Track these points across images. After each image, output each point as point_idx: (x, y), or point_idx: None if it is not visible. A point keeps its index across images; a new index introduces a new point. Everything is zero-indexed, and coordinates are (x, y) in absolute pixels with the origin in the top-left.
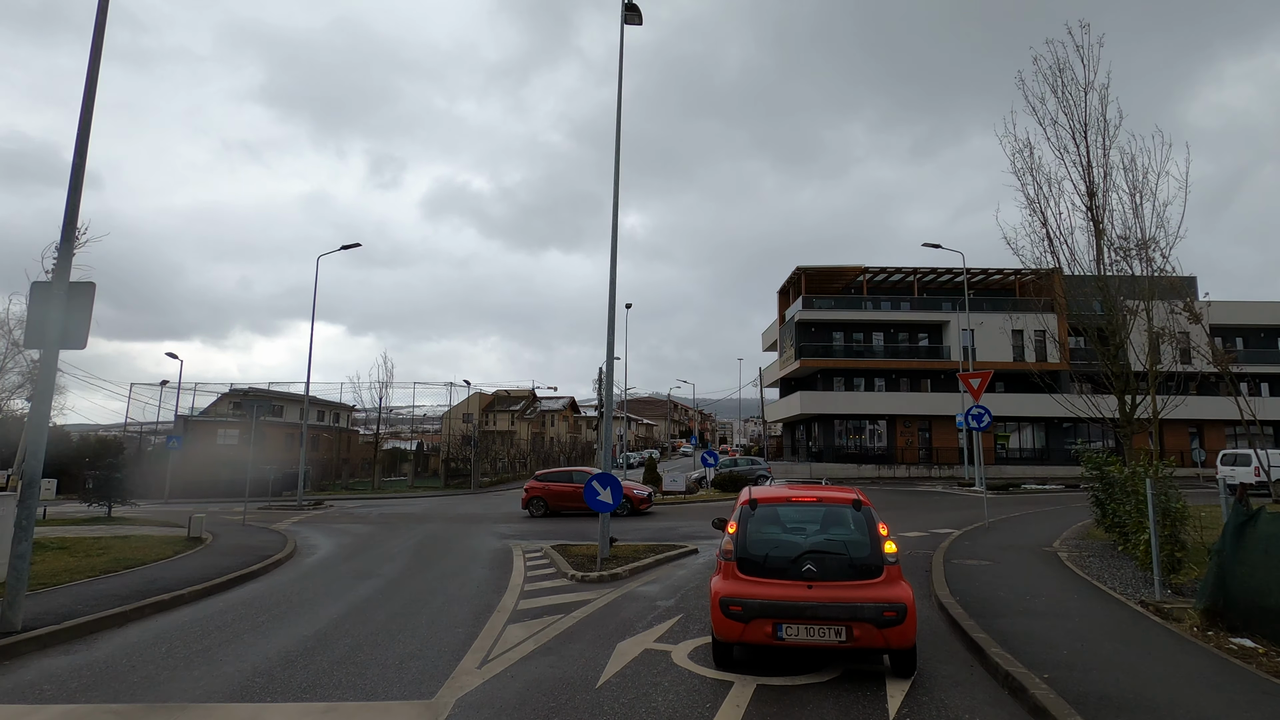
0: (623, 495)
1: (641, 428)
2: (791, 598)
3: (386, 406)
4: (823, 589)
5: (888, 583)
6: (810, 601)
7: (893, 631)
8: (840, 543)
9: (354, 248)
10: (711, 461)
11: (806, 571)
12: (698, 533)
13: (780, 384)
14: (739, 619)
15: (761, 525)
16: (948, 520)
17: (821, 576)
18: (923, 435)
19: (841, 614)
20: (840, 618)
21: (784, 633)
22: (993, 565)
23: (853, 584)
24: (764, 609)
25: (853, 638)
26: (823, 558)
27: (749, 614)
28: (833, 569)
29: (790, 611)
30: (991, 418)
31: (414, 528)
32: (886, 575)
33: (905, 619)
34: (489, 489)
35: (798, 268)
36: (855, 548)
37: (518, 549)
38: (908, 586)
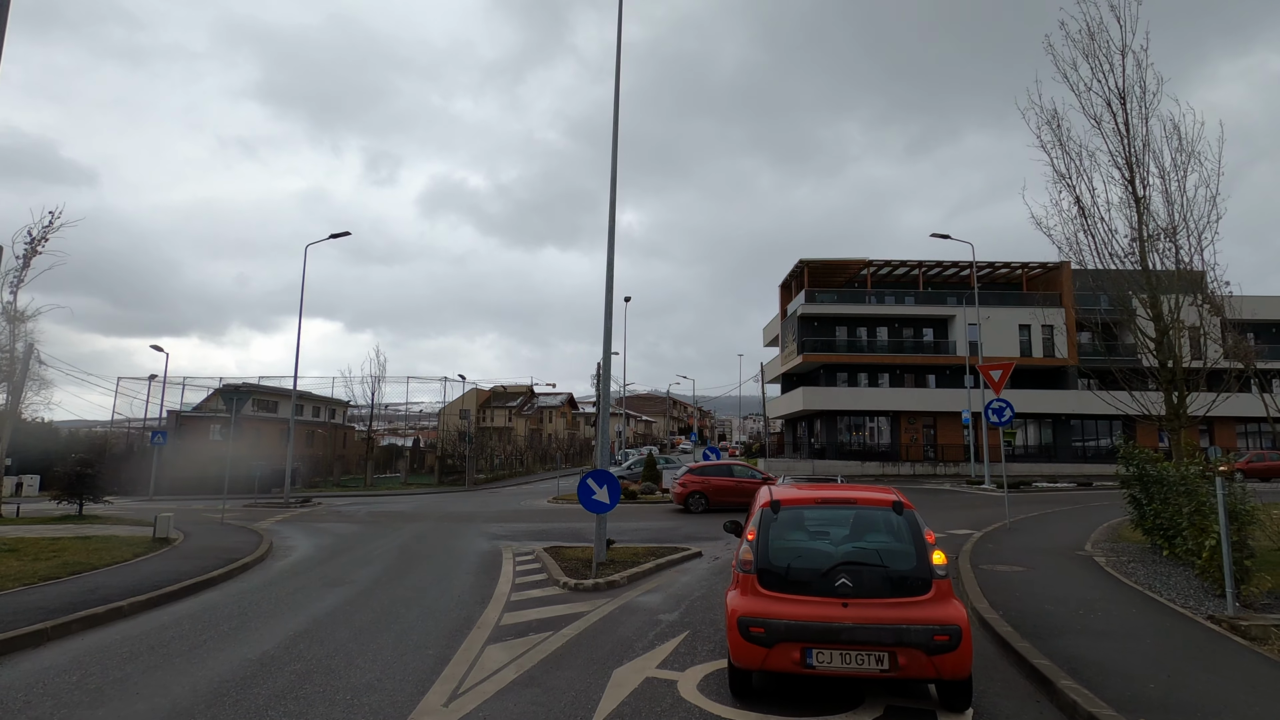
0: (620, 494)
1: (640, 424)
2: (824, 617)
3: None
4: (860, 607)
5: (937, 600)
6: (846, 623)
7: (945, 659)
8: (880, 552)
9: (343, 236)
10: (714, 458)
11: (841, 586)
12: (700, 533)
13: (782, 379)
14: (761, 643)
15: (786, 531)
16: (963, 520)
17: (858, 593)
18: (928, 432)
19: (884, 638)
20: (883, 642)
21: (814, 659)
22: (1028, 572)
23: (896, 601)
24: (791, 631)
25: (897, 666)
26: (859, 570)
27: (773, 637)
28: (872, 583)
29: (822, 634)
30: (1014, 412)
31: (401, 527)
32: (935, 591)
33: (960, 644)
34: (484, 486)
35: (800, 260)
36: (898, 558)
37: (508, 551)
38: (960, 605)
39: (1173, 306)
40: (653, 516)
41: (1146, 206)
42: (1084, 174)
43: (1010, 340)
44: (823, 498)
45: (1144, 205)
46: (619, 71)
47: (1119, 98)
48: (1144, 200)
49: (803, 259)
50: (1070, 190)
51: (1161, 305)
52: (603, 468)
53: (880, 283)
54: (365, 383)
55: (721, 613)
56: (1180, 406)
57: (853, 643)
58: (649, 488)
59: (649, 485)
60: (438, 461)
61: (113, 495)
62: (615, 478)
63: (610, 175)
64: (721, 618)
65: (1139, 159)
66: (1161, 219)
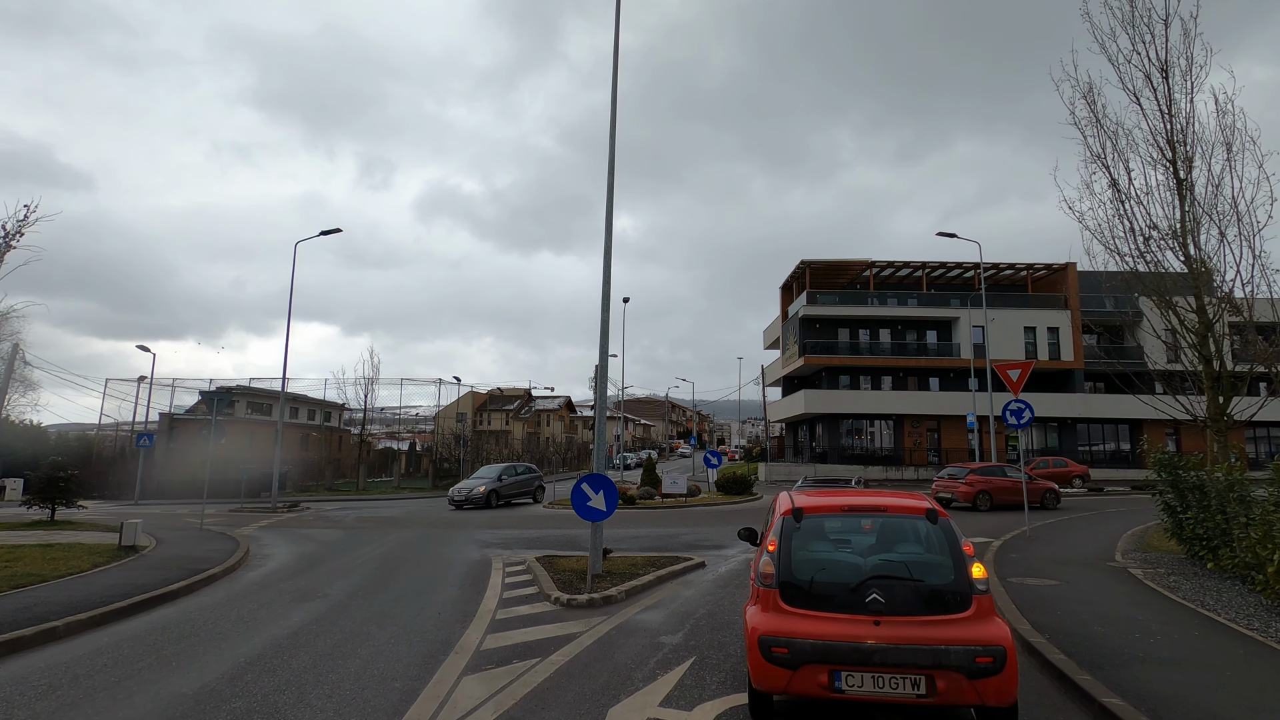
0: (618, 500)
1: (639, 428)
2: (854, 637)
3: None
4: (894, 626)
5: (978, 618)
6: (879, 643)
7: (989, 684)
8: (914, 565)
9: (334, 233)
10: (715, 462)
11: (872, 602)
12: (703, 541)
13: (782, 382)
14: (785, 664)
15: (809, 541)
16: (978, 527)
17: (891, 609)
18: (931, 436)
19: (921, 659)
20: (919, 664)
21: (844, 683)
22: (1063, 587)
23: (933, 619)
24: (818, 652)
25: (936, 691)
26: (892, 584)
27: (798, 658)
28: (906, 599)
29: (852, 655)
30: (1034, 414)
31: (388, 534)
32: (976, 608)
33: (1005, 666)
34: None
35: (802, 261)
36: (934, 571)
37: (498, 561)
38: (1004, 624)
39: (1216, 301)
40: (652, 523)
41: (1190, 190)
42: (1121, 154)
43: (1015, 343)
44: (849, 505)
45: (1187, 189)
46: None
47: (1160, 70)
48: (1187, 184)
49: (804, 260)
50: (1106, 171)
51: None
52: (599, 471)
53: (883, 284)
54: (358, 385)
55: (730, 634)
56: (1225, 408)
57: (886, 665)
58: (648, 492)
59: (648, 490)
60: (431, 465)
61: (96, 499)
62: (612, 483)
63: (607, 176)
64: (731, 640)
65: (1182, 138)
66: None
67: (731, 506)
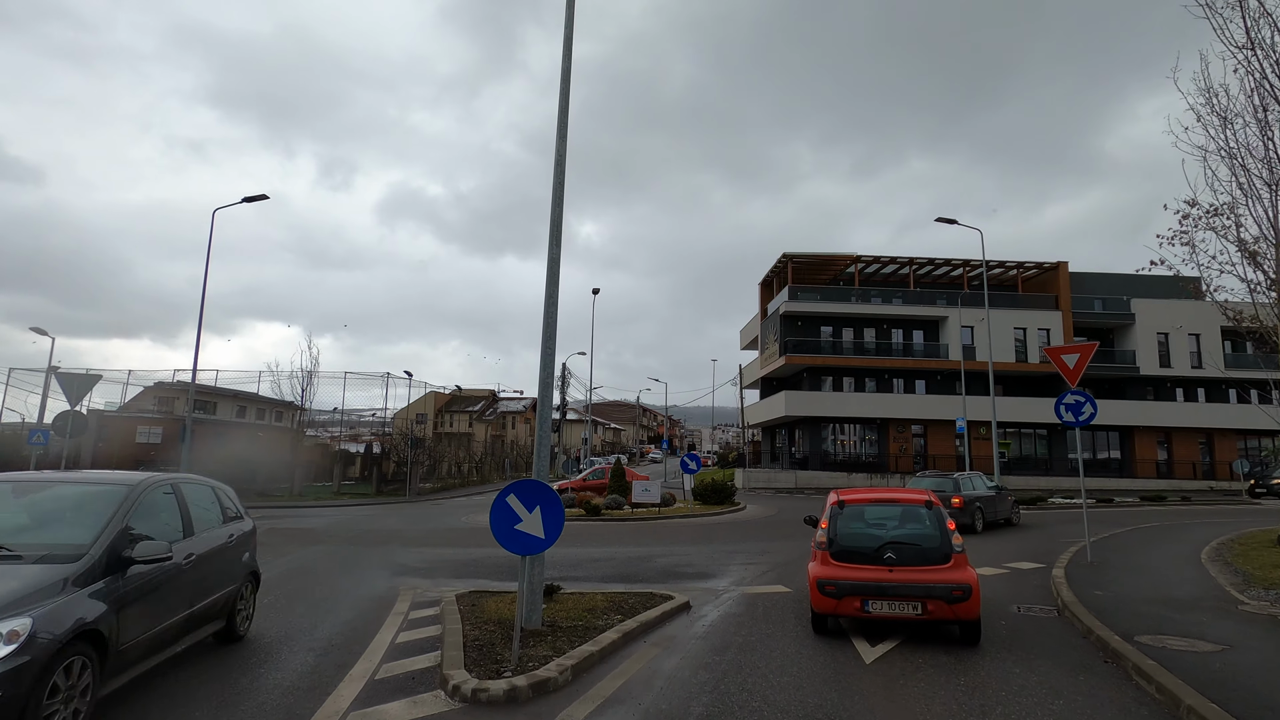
0: (562, 521)
1: (609, 432)
2: (876, 579)
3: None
4: (902, 572)
5: (955, 568)
6: (892, 583)
7: (960, 607)
8: (915, 536)
9: (258, 200)
10: (694, 467)
11: (888, 559)
12: (683, 566)
13: (761, 384)
14: (833, 596)
15: (849, 521)
16: (1012, 549)
17: (900, 562)
18: (917, 441)
19: (918, 592)
20: (916, 595)
21: (870, 607)
22: (1232, 654)
23: (926, 569)
24: (854, 588)
25: (927, 611)
26: (901, 547)
27: (841, 592)
28: (909, 556)
29: (875, 590)
30: (1095, 409)
31: (287, 552)
32: (954, 562)
33: (970, 597)
34: (430, 496)
35: (783, 255)
36: (928, 540)
37: (406, 597)
38: (973, 571)
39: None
40: (620, 540)
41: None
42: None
43: (1005, 344)
44: (875, 498)
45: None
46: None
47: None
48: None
49: (786, 253)
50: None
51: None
52: (539, 476)
53: (868, 281)
54: (295, 378)
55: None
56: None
57: (896, 596)
58: (616, 501)
59: (616, 499)
60: (374, 469)
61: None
62: (554, 495)
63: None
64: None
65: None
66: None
67: (713, 519)
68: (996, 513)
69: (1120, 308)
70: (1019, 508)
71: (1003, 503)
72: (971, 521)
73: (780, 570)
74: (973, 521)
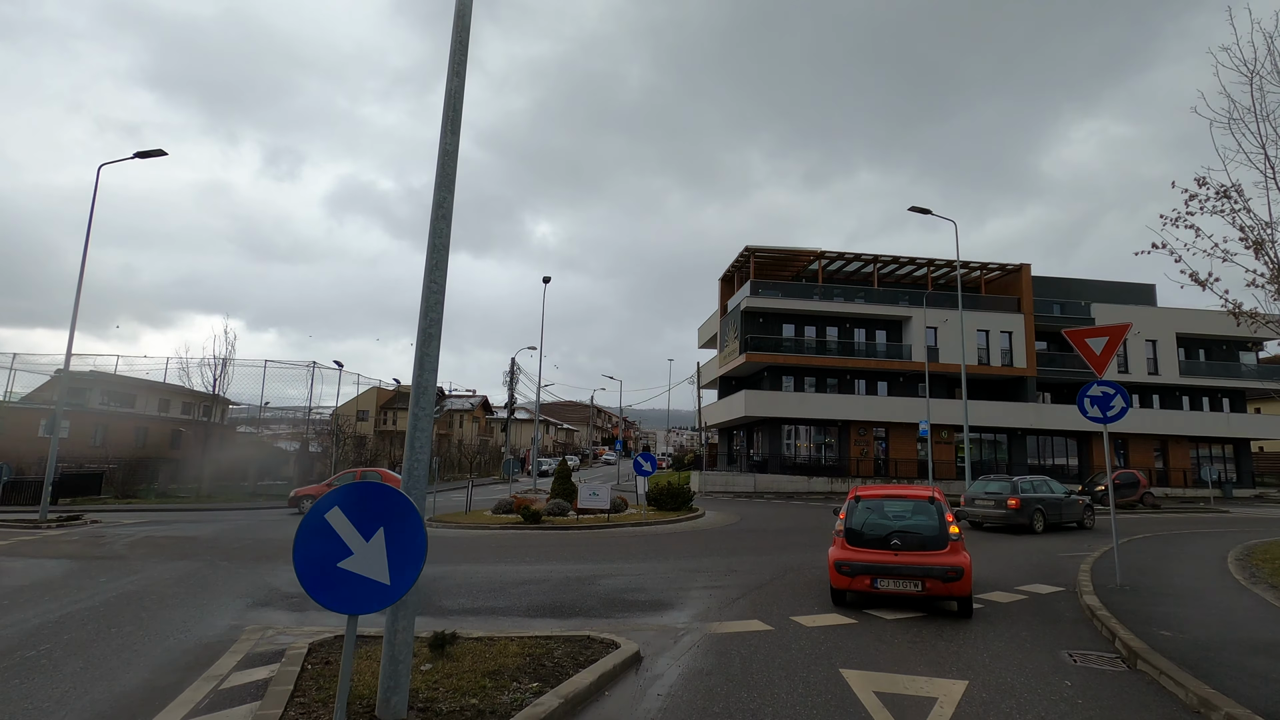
0: (422, 560)
1: (561, 432)
2: (884, 561)
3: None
4: (905, 555)
5: (951, 553)
6: (897, 564)
7: (954, 585)
8: (918, 525)
9: (154, 156)
10: (648, 469)
11: (894, 545)
12: (633, 591)
13: (719, 383)
14: (847, 575)
15: (864, 513)
16: (1006, 561)
17: (904, 548)
18: (879, 444)
19: (918, 573)
20: (917, 575)
21: (879, 584)
22: None
23: (926, 553)
24: (865, 568)
25: (925, 589)
26: (905, 534)
27: (854, 571)
28: (912, 542)
29: (883, 570)
30: (1128, 403)
31: (134, 574)
32: (950, 548)
33: (963, 577)
34: None
35: (746, 248)
36: (928, 529)
37: (241, 648)
38: (967, 555)
39: None
40: (559, 554)
41: None
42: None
43: (968, 346)
44: (886, 493)
45: None
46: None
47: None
48: None
49: (749, 246)
50: None
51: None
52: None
53: (831, 278)
54: (206, 366)
55: None
56: None
57: (900, 575)
58: (559, 506)
59: (559, 504)
60: (295, 469)
61: None
62: (410, 506)
63: None
64: None
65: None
66: None
67: (669, 528)
68: (1064, 516)
69: (1080, 312)
70: (1092, 512)
71: (1072, 507)
72: (1029, 522)
73: (754, 597)
74: (1030, 522)
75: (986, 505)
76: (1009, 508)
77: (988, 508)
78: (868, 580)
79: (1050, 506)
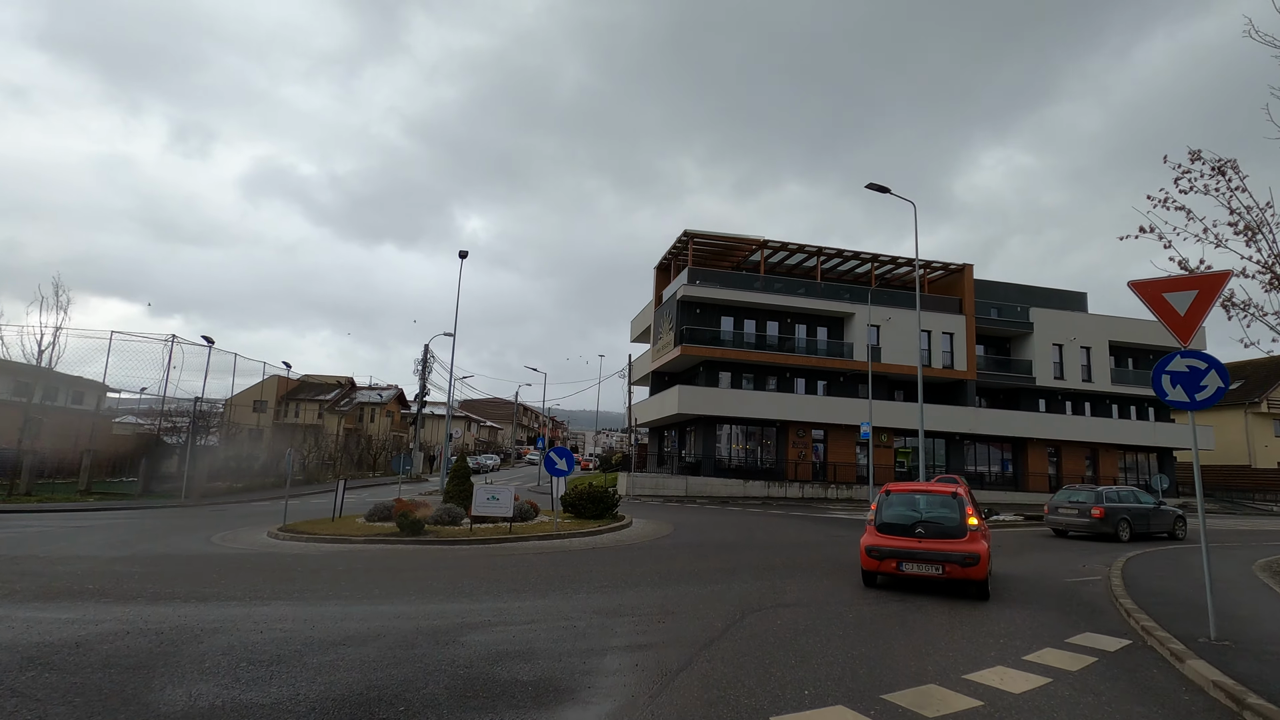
0: None
1: (484, 430)
2: (909, 547)
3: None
4: (929, 543)
5: (969, 541)
6: (921, 550)
7: (971, 569)
8: (940, 517)
9: None
10: (563, 467)
11: (918, 533)
12: (515, 655)
13: (651, 379)
14: (876, 558)
15: (894, 506)
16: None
17: (928, 536)
18: (817, 447)
19: (938, 558)
20: (938, 560)
21: (904, 567)
22: None
23: (947, 541)
24: (893, 553)
25: (945, 572)
26: (929, 524)
27: (883, 555)
28: (934, 531)
29: (908, 554)
30: (1226, 382)
31: None
32: (969, 537)
33: (979, 563)
34: (221, 498)
35: (685, 232)
36: (949, 520)
37: None
38: (984, 544)
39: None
40: (428, 584)
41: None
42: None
43: (910, 346)
44: (913, 489)
45: None
46: None
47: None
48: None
49: (688, 230)
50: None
51: None
52: None
53: (773, 271)
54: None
55: None
56: None
57: (923, 560)
58: (449, 513)
59: (450, 510)
60: (145, 461)
61: None
62: None
63: None
64: None
65: None
66: None
67: (586, 541)
68: (1151, 527)
69: (1019, 315)
70: (1183, 523)
71: (1162, 517)
72: (1115, 531)
73: (705, 668)
74: (1116, 531)
75: (1070, 514)
76: (1093, 517)
77: (1071, 516)
78: (894, 563)
79: (1137, 517)
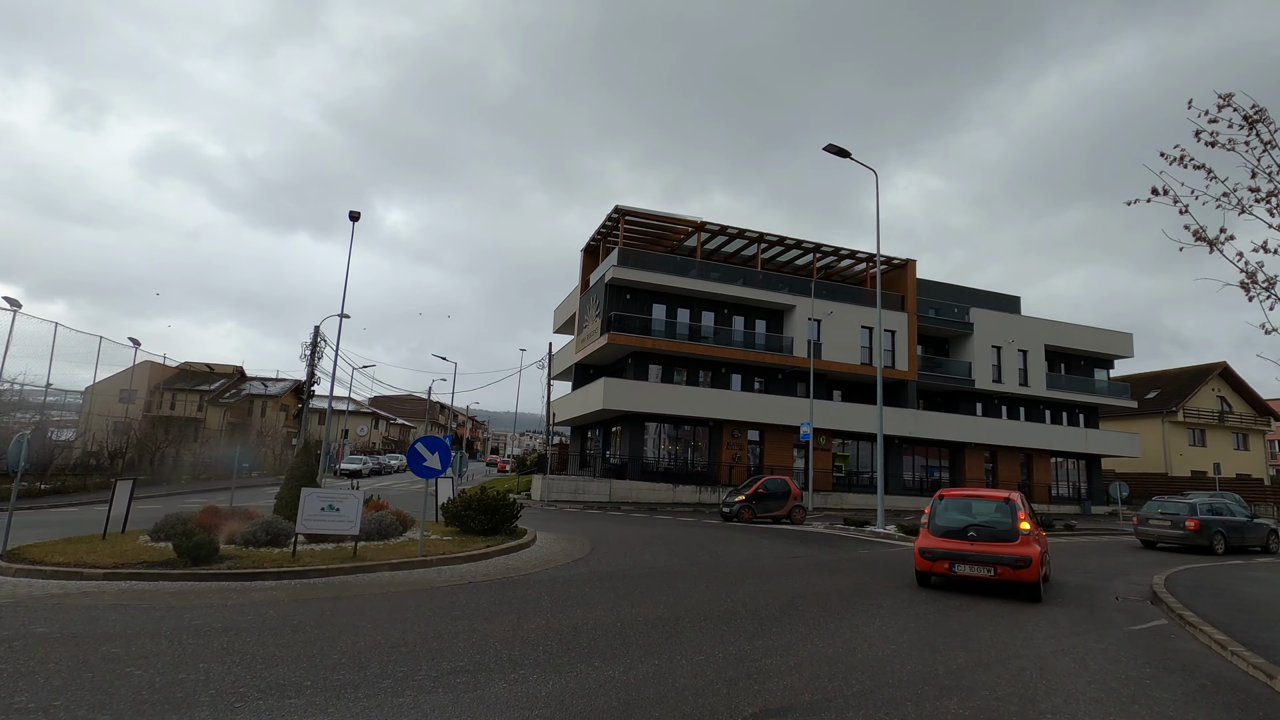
0: None
1: (395, 428)
2: (962, 549)
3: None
4: (980, 545)
5: (1021, 545)
6: (973, 552)
7: (1022, 572)
8: (991, 521)
9: None
10: (437, 466)
11: (970, 536)
12: None
13: (574, 372)
14: (930, 559)
15: (946, 510)
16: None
17: (979, 539)
18: (753, 449)
19: (990, 560)
20: (989, 562)
21: (957, 569)
22: None
23: (998, 544)
24: (945, 554)
25: (997, 574)
26: (980, 528)
27: (936, 557)
28: (986, 535)
29: (961, 557)
30: None
31: None
32: (1020, 540)
33: (1030, 566)
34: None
35: (616, 208)
36: (1001, 524)
37: None
38: (1036, 547)
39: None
40: (136, 669)
41: None
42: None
43: (852, 343)
44: (966, 494)
45: None
46: None
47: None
48: None
49: (619, 206)
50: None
51: None
52: None
53: (710, 257)
54: None
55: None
56: None
57: (976, 562)
58: (269, 530)
59: (273, 524)
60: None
61: None
62: None
63: None
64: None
65: None
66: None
67: (464, 571)
68: (1246, 539)
69: (960, 316)
70: (1276, 536)
71: (1256, 530)
72: (1209, 544)
73: None
74: (1210, 544)
75: (1162, 525)
76: (1187, 529)
77: (1164, 528)
78: (946, 565)
79: (1232, 530)
